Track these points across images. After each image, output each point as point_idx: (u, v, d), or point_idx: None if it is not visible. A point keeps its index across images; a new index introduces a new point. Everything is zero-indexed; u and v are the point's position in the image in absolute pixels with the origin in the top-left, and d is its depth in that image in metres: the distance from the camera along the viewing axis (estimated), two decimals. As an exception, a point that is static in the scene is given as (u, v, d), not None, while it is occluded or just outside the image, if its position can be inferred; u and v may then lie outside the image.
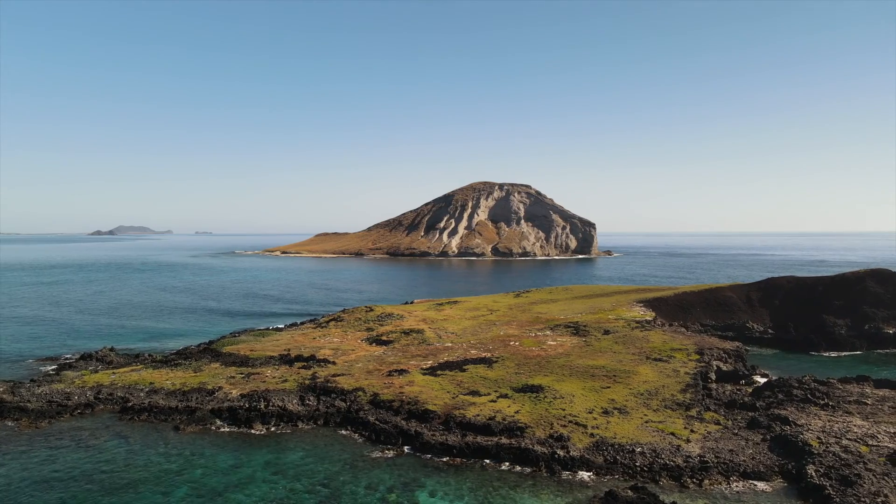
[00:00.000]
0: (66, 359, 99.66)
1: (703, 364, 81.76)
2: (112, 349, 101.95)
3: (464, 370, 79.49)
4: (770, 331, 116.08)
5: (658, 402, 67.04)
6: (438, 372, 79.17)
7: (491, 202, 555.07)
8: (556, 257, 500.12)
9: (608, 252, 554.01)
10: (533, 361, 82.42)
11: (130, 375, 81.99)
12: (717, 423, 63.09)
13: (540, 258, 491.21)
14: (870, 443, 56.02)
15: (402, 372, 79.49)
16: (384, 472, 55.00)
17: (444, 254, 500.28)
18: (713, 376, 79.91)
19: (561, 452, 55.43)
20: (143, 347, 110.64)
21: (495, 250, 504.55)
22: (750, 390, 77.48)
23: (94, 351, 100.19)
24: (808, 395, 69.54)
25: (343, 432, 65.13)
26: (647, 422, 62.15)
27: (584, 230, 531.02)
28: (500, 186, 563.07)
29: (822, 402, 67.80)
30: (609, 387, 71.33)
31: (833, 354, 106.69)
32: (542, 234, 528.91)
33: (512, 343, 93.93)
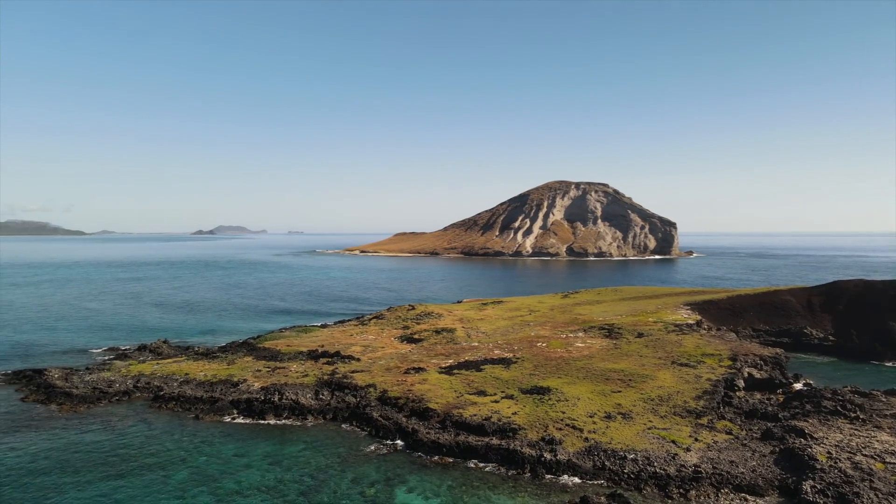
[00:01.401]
0: (125, 349, 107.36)
1: (732, 371, 77.80)
2: (165, 341, 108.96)
3: (480, 370, 79.49)
4: (830, 338, 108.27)
5: (667, 409, 64.55)
6: (455, 371, 79.58)
7: (567, 201, 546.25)
8: (633, 258, 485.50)
9: (689, 252, 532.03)
10: (552, 363, 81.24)
11: (170, 366, 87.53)
12: (729, 433, 60.05)
13: (616, 259, 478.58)
14: (888, 460, 51.67)
15: (419, 370, 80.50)
16: (372, 466, 56.24)
17: (517, 253, 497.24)
18: (741, 384, 75.79)
19: (548, 456, 54.66)
20: (197, 341, 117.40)
21: (570, 250, 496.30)
22: (781, 399, 73.02)
23: (149, 343, 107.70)
24: (839, 407, 64.69)
25: (347, 427, 66.94)
26: (649, 428, 60.05)
27: (663, 230, 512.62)
28: (577, 185, 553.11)
29: (852, 415, 62.97)
30: (620, 391, 69.33)
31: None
32: (619, 234, 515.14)
33: (539, 344, 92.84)
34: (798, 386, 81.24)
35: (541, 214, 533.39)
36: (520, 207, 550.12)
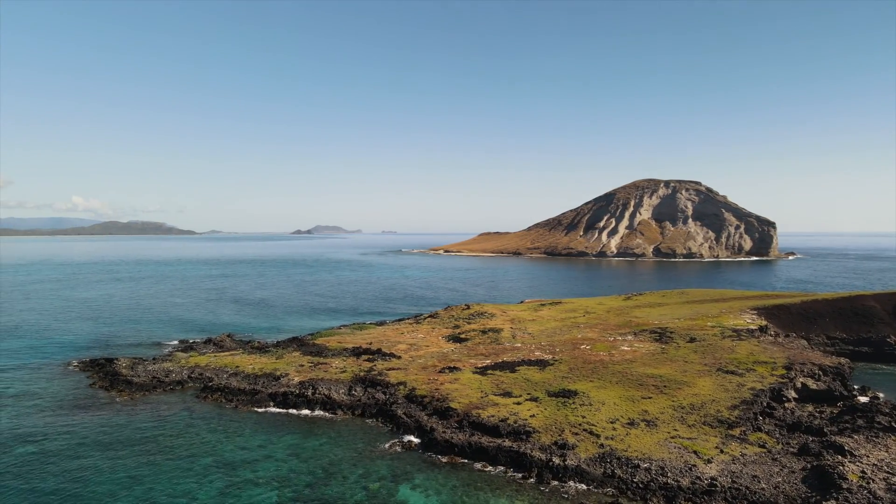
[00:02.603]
0: (193, 342, 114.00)
1: (783, 380, 72.72)
2: (230, 335, 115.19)
3: (514, 371, 78.72)
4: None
5: (697, 418, 61.37)
6: (489, 371, 79.21)
7: (655, 200, 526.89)
8: (726, 259, 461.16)
9: (790, 254, 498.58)
10: (589, 366, 79.10)
11: (225, 359, 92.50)
12: (762, 446, 56.37)
13: (707, 259, 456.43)
14: (932, 484, 46.74)
15: (453, 369, 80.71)
16: (385, 463, 57.15)
17: (601, 254, 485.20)
18: (792, 394, 70.58)
19: (557, 461, 53.49)
20: (262, 336, 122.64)
21: (657, 251, 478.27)
22: (835, 412, 67.48)
23: (214, 336, 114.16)
24: (894, 423, 59.14)
25: (371, 423, 68.32)
26: (673, 437, 57.40)
27: (761, 230, 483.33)
28: (666, 184, 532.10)
29: (908, 433, 57.38)
30: (651, 397, 66.56)
31: None
32: (711, 234, 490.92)
33: (582, 347, 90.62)
34: (863, 399, 74.74)
35: (627, 214, 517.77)
36: (605, 207, 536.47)
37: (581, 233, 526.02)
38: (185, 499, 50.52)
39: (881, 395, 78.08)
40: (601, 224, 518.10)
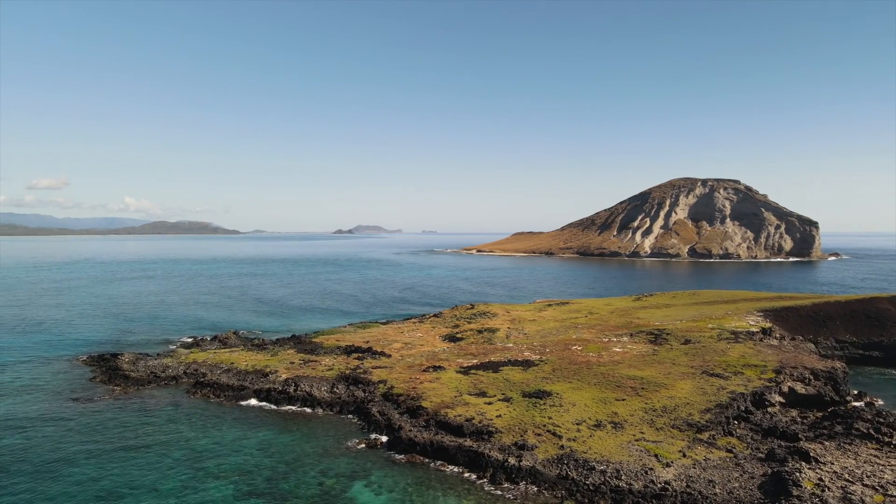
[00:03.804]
0: (201, 339, 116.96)
1: (770, 384, 70.68)
2: (235, 332, 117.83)
3: (498, 371, 78.55)
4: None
5: (667, 421, 60.26)
6: (472, 371, 79.21)
7: (692, 199, 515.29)
8: (764, 259, 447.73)
9: (833, 254, 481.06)
10: (573, 368, 78.34)
11: (222, 355, 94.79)
12: (729, 451, 55.12)
13: (744, 260, 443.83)
14: (891, 491, 45.00)
15: (437, 369, 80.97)
16: (347, 460, 57.91)
17: (635, 254, 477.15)
18: (777, 399, 68.59)
19: (512, 461, 53.31)
20: (270, 334, 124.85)
21: (692, 251, 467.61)
22: (817, 418, 65.35)
23: (220, 334, 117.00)
24: (871, 430, 56.95)
25: (346, 420, 69.25)
26: (637, 440, 56.54)
27: (802, 229, 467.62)
28: (703, 182, 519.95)
29: (885, 440, 55.26)
30: (624, 399, 65.60)
31: None
32: (749, 235, 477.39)
33: (574, 347, 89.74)
34: (858, 404, 72.14)
35: (662, 213, 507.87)
36: (640, 206, 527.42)
37: (615, 233, 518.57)
38: (148, 489, 52.15)
39: (880, 401, 75.28)
40: (635, 224, 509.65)
